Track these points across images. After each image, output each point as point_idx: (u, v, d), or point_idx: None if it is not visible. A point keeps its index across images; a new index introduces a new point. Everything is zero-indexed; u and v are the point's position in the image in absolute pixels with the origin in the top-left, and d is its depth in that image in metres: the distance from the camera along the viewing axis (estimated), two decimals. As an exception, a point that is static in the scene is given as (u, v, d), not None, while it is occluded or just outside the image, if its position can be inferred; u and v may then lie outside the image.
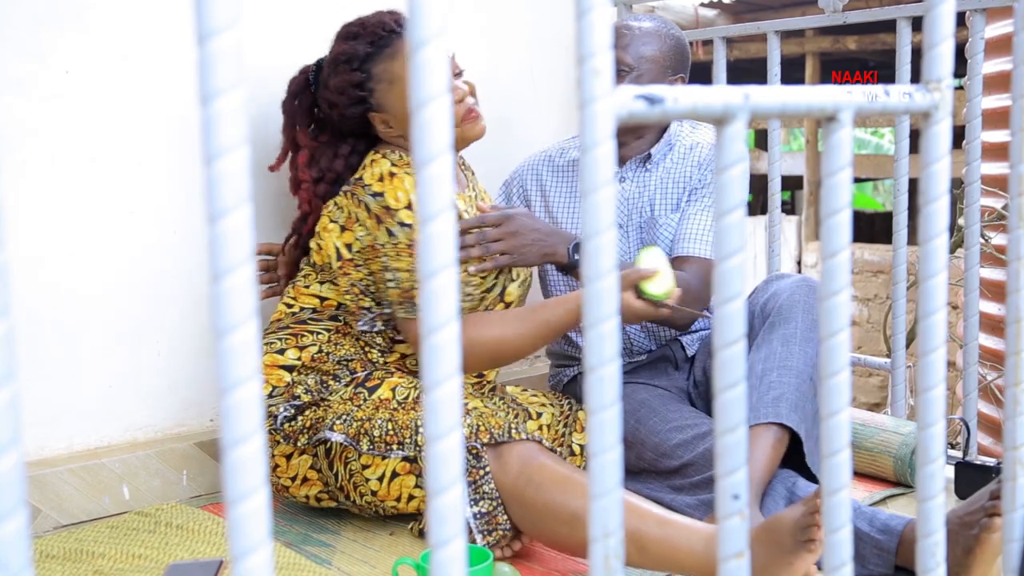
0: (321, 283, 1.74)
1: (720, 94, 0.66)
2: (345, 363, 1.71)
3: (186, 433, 1.91)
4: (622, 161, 2.00)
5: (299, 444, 1.64)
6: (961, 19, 2.18)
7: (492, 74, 2.41)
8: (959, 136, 2.04)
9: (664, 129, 2.02)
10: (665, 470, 1.79)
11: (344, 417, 1.61)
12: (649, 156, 1.98)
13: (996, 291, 2.62)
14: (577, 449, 2.01)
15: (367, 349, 1.73)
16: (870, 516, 1.49)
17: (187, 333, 1.91)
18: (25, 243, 1.72)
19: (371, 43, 1.72)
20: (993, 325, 2.66)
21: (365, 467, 1.58)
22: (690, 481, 1.74)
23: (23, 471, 0.45)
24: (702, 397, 1.95)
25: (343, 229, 1.69)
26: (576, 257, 1.77)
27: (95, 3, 1.77)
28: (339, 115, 1.74)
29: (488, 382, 1.84)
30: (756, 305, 1.83)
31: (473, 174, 1.94)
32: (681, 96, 0.64)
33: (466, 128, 1.75)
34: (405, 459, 1.56)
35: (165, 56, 1.84)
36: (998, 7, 1.99)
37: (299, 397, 1.66)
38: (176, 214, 1.87)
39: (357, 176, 1.70)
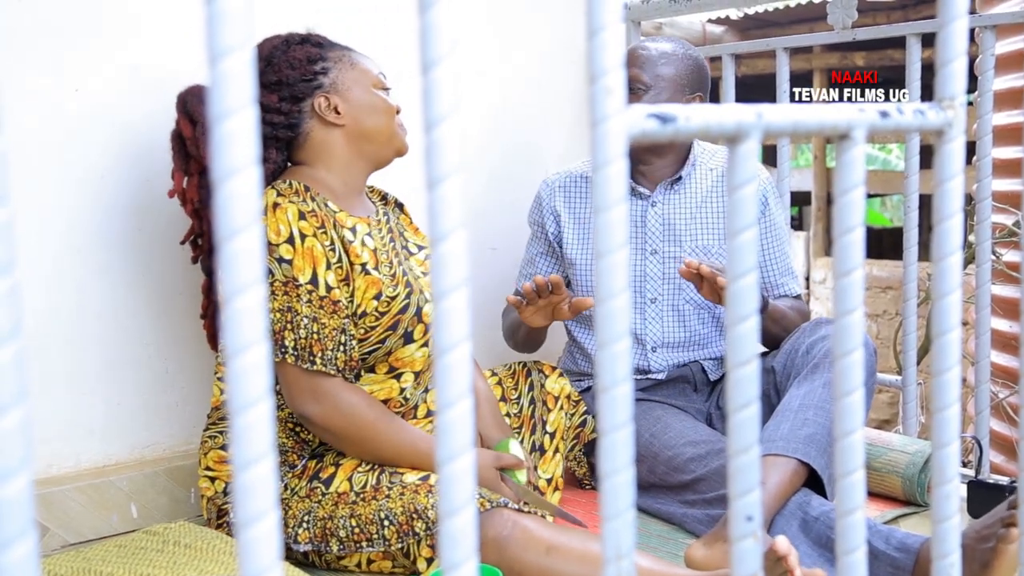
0: None
1: (732, 113, 0.65)
2: (284, 454, 1.63)
3: (194, 451, 1.90)
4: (652, 184, 2.01)
5: None
6: (971, 35, 2.18)
7: (501, 90, 2.42)
8: (970, 152, 2.03)
9: (689, 150, 2.03)
10: (677, 484, 1.79)
11: (305, 520, 1.56)
12: (680, 179, 1.99)
13: (1008, 308, 2.61)
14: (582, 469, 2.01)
15: (297, 429, 1.65)
16: (886, 534, 1.48)
17: (195, 350, 1.91)
18: (33, 259, 1.72)
19: (319, 38, 1.70)
20: (1005, 342, 2.65)
21: (340, 558, 1.57)
22: (703, 497, 1.73)
23: (32, 493, 0.45)
24: (723, 420, 1.95)
25: None
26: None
27: (105, 16, 1.78)
28: (279, 100, 1.63)
29: None
30: (802, 344, 1.83)
31: (396, 207, 1.87)
32: (693, 115, 0.63)
33: (402, 142, 1.73)
34: (376, 550, 1.54)
35: (176, 72, 1.85)
36: (1008, 24, 1.98)
37: None
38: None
39: None
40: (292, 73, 1.64)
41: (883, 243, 9.80)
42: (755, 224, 0.67)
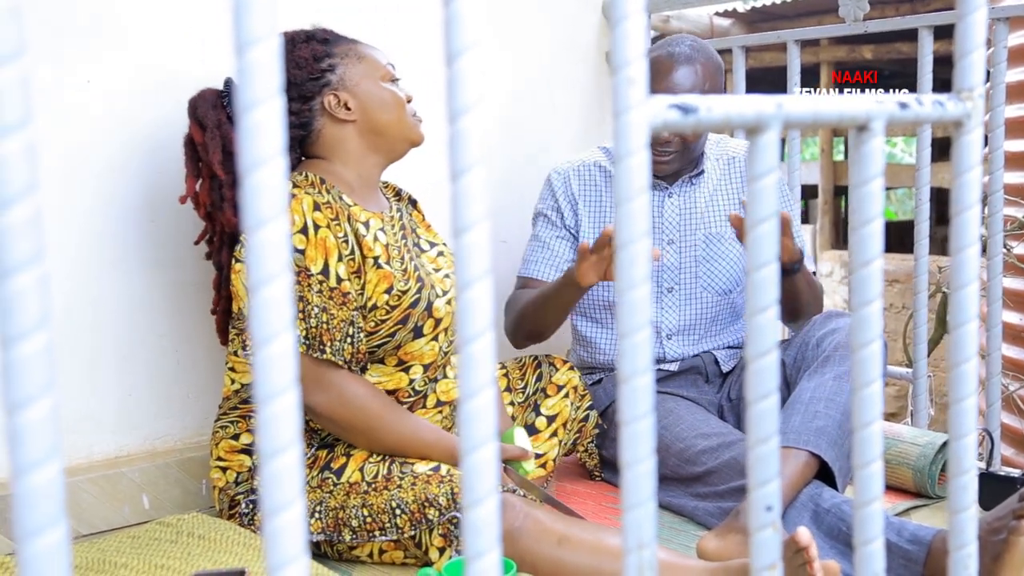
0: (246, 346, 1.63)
1: (752, 103, 0.65)
2: None
3: (205, 442, 1.91)
4: (673, 178, 2.01)
5: None
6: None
7: (509, 84, 2.41)
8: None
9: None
10: (688, 476, 1.79)
11: (317, 510, 1.56)
12: (700, 173, 2.01)
13: (1019, 301, 2.60)
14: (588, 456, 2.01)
15: (307, 418, 1.63)
16: (898, 526, 1.48)
17: (207, 343, 1.92)
18: (52, 255, 1.73)
19: (325, 33, 1.70)
20: (1015, 335, 2.64)
21: (352, 548, 1.57)
22: (714, 490, 1.74)
23: (62, 481, 0.45)
24: (734, 412, 1.95)
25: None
26: (796, 267, 1.83)
27: (113, 11, 1.78)
28: (288, 100, 1.62)
29: (450, 402, 1.74)
30: (812, 337, 1.84)
31: (408, 203, 1.87)
32: (715, 106, 0.63)
33: (415, 133, 1.72)
34: (389, 539, 1.54)
35: (177, 72, 1.85)
36: (1022, 16, 1.98)
37: None
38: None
39: None
40: (299, 73, 1.64)
41: (889, 237, 9.76)
42: (775, 215, 0.67)
